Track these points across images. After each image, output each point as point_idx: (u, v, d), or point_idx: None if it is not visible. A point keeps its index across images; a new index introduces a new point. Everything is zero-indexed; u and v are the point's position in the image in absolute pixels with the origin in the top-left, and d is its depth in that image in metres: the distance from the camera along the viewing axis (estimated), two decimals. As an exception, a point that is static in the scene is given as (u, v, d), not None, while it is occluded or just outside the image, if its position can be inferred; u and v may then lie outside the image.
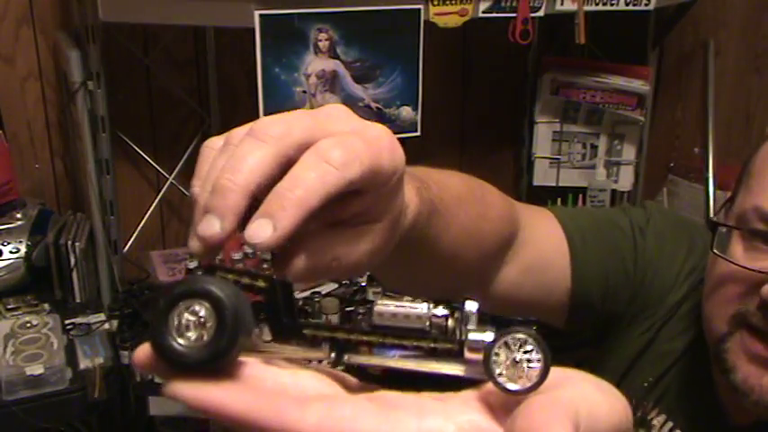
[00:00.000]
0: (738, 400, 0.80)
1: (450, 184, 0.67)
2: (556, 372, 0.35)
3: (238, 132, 0.43)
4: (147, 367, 0.36)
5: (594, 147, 2.37)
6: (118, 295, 1.94)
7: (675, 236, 0.93)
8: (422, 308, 0.38)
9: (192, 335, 0.35)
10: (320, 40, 1.72)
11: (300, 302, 1.88)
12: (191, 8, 1.67)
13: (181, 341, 0.35)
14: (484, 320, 0.38)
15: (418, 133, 1.88)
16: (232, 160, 0.40)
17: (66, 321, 1.84)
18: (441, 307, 0.39)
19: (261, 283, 0.39)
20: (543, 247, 0.86)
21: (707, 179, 2.44)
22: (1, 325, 1.79)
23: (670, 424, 0.89)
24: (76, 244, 1.87)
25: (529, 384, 0.34)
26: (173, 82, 2.13)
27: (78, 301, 1.92)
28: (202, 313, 0.35)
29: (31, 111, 2.07)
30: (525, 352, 0.35)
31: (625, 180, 2.38)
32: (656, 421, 0.90)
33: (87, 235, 1.91)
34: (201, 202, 0.40)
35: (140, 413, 1.77)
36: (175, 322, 0.35)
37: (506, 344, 0.35)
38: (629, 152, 2.36)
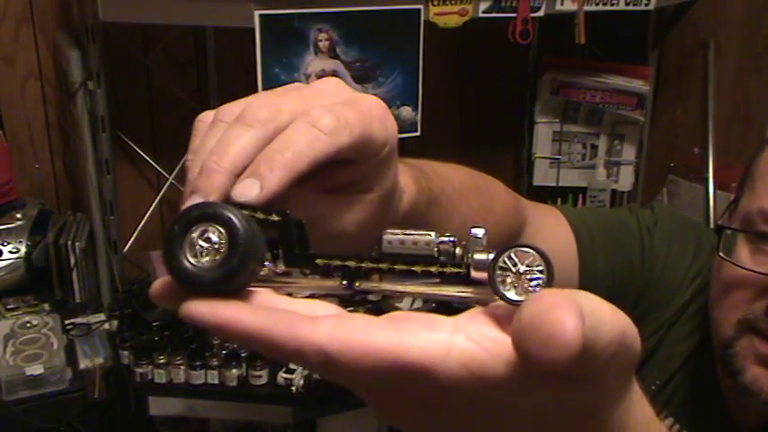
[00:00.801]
0: (746, 402, 0.79)
1: (453, 175, 0.67)
2: (560, 289, 0.35)
3: (229, 109, 0.44)
4: (163, 296, 0.37)
5: (594, 147, 2.37)
6: (118, 295, 1.94)
7: (683, 237, 0.93)
8: (429, 235, 0.39)
9: (205, 257, 0.36)
10: (320, 40, 1.72)
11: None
12: (191, 8, 1.67)
13: (195, 262, 0.36)
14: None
15: (418, 133, 1.88)
16: (219, 144, 0.41)
17: (66, 321, 1.84)
18: (448, 234, 0.40)
19: (274, 218, 0.40)
20: (550, 244, 0.84)
21: (707, 179, 2.44)
22: (1, 325, 1.79)
23: (677, 426, 0.89)
24: (76, 244, 1.87)
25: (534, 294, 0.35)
26: (173, 82, 2.13)
27: (78, 301, 1.92)
28: (215, 237, 0.36)
29: (31, 111, 2.07)
30: (528, 265, 0.36)
31: (625, 180, 2.38)
32: (664, 424, 0.89)
33: (87, 235, 1.91)
34: (189, 180, 0.42)
35: (140, 413, 1.77)
36: (190, 245, 0.36)
37: (510, 257, 0.36)
38: (629, 152, 2.36)
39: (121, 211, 1.98)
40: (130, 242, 2.13)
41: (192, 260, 0.36)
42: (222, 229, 0.36)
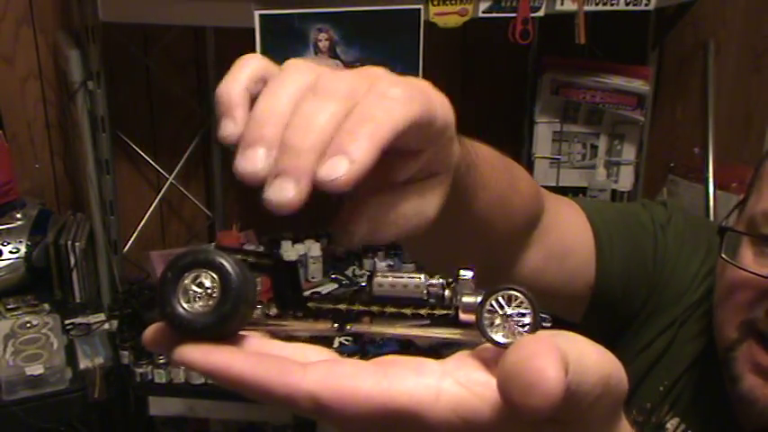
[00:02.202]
0: (743, 410, 0.79)
1: (483, 147, 0.66)
2: (548, 331, 0.36)
3: (296, 73, 0.41)
4: (156, 341, 0.37)
5: (594, 147, 2.37)
6: (118, 295, 1.94)
7: (694, 236, 0.92)
8: (419, 278, 0.40)
9: (198, 303, 0.37)
10: (320, 40, 1.72)
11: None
12: (191, 8, 1.67)
13: (188, 308, 0.37)
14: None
15: (418, 133, 1.88)
16: (300, 117, 0.38)
17: (66, 321, 1.84)
18: (437, 277, 0.40)
19: (266, 261, 0.40)
20: (566, 234, 0.86)
21: (707, 179, 2.44)
22: (1, 325, 1.79)
23: (683, 426, 0.88)
24: (76, 244, 1.87)
25: (520, 338, 0.36)
26: (173, 82, 2.13)
27: (78, 301, 1.92)
28: (208, 282, 0.37)
29: (31, 111, 2.07)
30: (516, 307, 0.37)
31: (625, 180, 2.38)
32: (670, 424, 0.89)
33: (87, 235, 1.91)
34: (252, 145, 0.38)
35: (140, 413, 1.77)
36: (182, 291, 0.37)
37: (497, 300, 0.37)
38: (629, 152, 2.36)
39: (121, 211, 1.98)
40: (130, 242, 2.13)
41: (185, 306, 0.37)
42: (215, 275, 0.36)
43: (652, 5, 1.98)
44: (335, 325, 0.40)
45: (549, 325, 0.38)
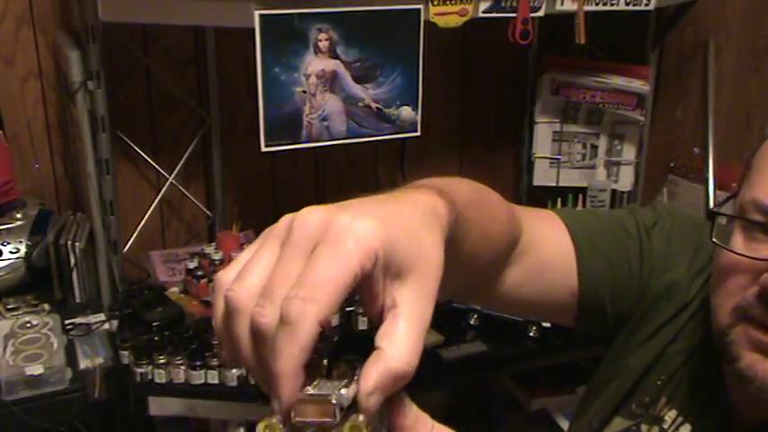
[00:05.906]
0: (745, 389, 0.80)
1: (462, 188, 0.69)
2: None
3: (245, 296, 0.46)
4: None
5: (594, 147, 2.37)
6: (118, 295, 1.94)
7: (683, 235, 0.95)
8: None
9: None
10: (320, 40, 1.72)
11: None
12: (191, 8, 1.67)
13: None
14: None
15: (418, 133, 1.88)
16: (273, 349, 0.44)
17: (67, 321, 1.84)
18: None
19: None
20: (543, 249, 0.89)
21: (707, 179, 2.44)
22: (1, 325, 1.79)
23: (680, 419, 0.91)
24: (76, 244, 1.87)
25: None
26: (173, 82, 2.13)
27: (78, 301, 1.92)
28: None
29: (31, 111, 2.07)
30: None
31: (625, 180, 2.38)
32: (668, 417, 0.92)
33: (87, 235, 1.91)
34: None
35: (140, 413, 1.77)
36: None
37: None
38: (629, 152, 2.36)
39: (121, 211, 1.98)
40: (130, 242, 2.13)
41: None
42: None
43: (652, 5, 1.98)
44: None
45: None
